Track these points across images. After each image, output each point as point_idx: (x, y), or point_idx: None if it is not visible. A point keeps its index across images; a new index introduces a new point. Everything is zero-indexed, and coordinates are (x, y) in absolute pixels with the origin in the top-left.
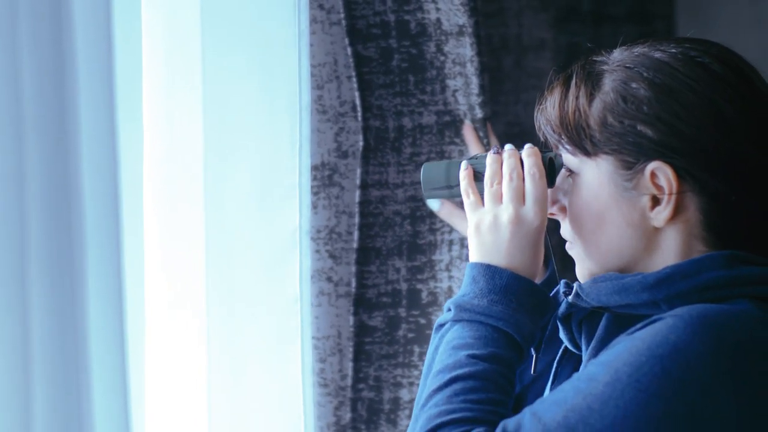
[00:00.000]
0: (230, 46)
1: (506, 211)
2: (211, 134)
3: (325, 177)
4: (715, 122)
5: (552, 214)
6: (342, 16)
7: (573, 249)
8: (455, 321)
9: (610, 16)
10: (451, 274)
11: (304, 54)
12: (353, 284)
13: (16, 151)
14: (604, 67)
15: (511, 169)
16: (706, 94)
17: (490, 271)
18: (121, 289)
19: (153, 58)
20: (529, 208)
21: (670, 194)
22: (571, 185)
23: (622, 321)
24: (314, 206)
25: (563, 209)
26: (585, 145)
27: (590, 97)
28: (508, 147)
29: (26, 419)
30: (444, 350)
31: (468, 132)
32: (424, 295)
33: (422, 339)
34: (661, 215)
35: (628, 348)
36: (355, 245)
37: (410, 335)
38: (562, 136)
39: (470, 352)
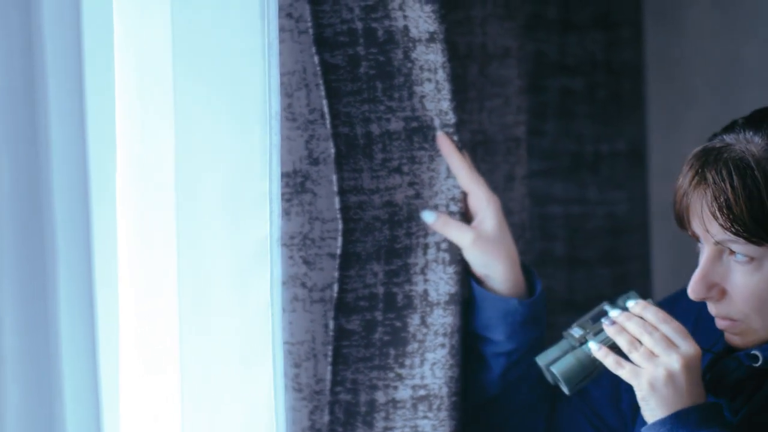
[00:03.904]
0: (200, 55)
1: (673, 360)
2: (182, 143)
3: (297, 184)
4: None
5: (707, 298)
6: (310, 24)
7: (741, 324)
8: None
9: (576, 23)
10: (427, 277)
11: (273, 63)
12: (335, 289)
13: None
14: (755, 155)
15: (640, 327)
16: None
17: (682, 416)
18: (92, 297)
19: (124, 68)
20: (686, 345)
21: None
22: (749, 269)
23: None
24: (287, 213)
25: (722, 291)
26: None
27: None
28: (615, 314)
29: None
30: None
31: (443, 142)
32: (399, 298)
33: (397, 342)
34: None
35: None
36: (338, 251)
37: (386, 338)
38: (753, 233)
39: None
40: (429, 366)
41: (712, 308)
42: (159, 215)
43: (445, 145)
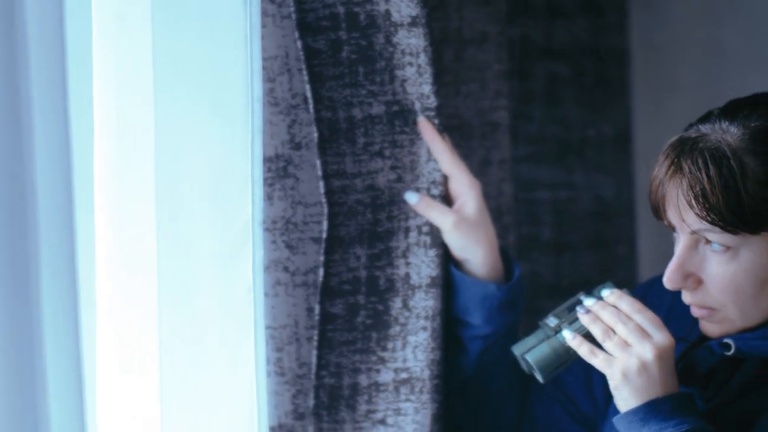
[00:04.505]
0: (181, 39)
1: (646, 350)
2: (163, 127)
3: (279, 168)
4: None
5: (683, 287)
6: (292, 9)
7: (717, 313)
8: None
9: (562, 9)
10: (408, 260)
11: (255, 47)
12: (320, 273)
13: None
14: (731, 145)
15: (614, 316)
16: None
17: (654, 405)
18: (74, 287)
19: (103, 53)
20: (659, 335)
21: None
22: (724, 259)
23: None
24: (269, 197)
25: (698, 281)
26: (757, 226)
27: (747, 178)
28: (590, 303)
29: None
30: None
31: (424, 127)
32: (381, 281)
33: (380, 325)
34: None
35: None
36: (324, 235)
37: (368, 321)
38: (729, 222)
39: None
40: (411, 349)
41: (687, 297)
42: (140, 202)
43: (427, 129)
